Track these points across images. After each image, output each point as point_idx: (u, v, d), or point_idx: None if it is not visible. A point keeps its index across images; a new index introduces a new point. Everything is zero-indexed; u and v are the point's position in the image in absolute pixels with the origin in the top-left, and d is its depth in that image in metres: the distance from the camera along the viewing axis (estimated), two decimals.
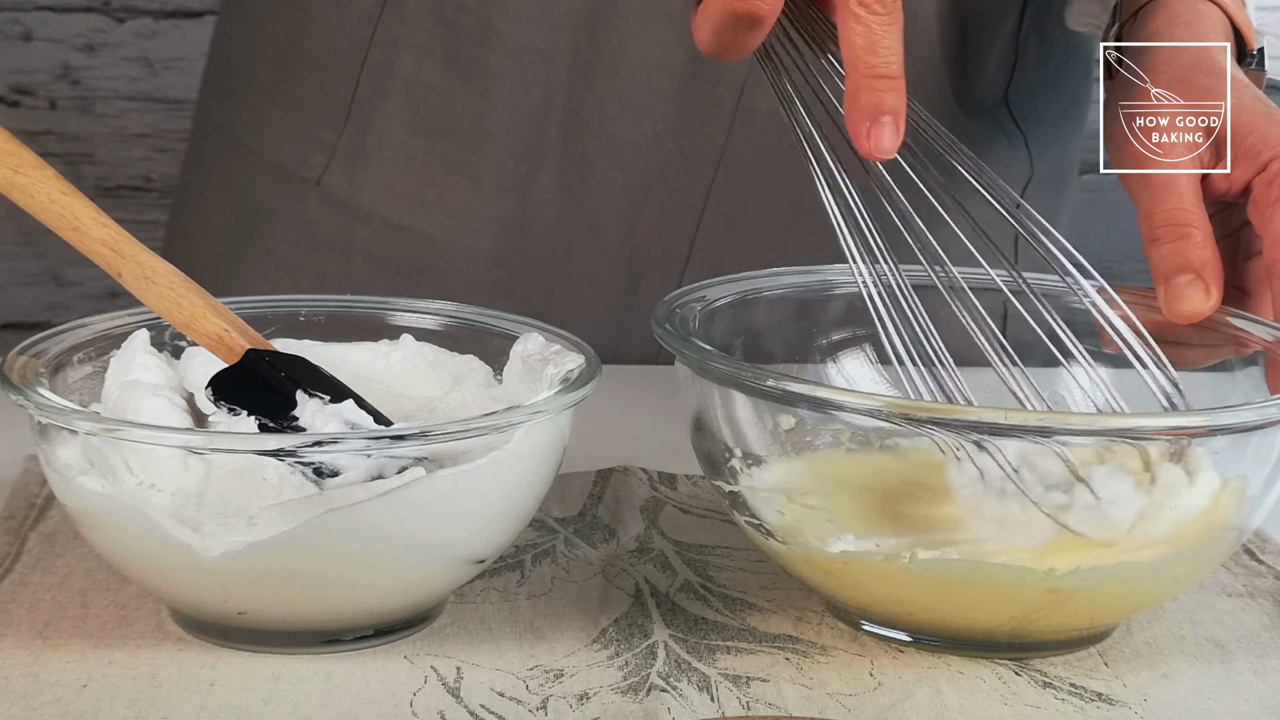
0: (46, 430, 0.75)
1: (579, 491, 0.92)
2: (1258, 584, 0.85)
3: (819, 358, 0.89)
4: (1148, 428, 0.74)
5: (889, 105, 0.75)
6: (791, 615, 0.80)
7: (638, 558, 0.85)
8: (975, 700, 0.74)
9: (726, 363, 0.77)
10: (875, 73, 0.75)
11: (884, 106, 0.75)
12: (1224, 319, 0.85)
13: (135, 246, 0.79)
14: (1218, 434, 0.75)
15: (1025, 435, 0.74)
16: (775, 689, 0.74)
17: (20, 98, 1.99)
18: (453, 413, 0.83)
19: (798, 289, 0.89)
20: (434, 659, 0.75)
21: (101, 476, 0.73)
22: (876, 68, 0.75)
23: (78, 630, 0.77)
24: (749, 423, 0.79)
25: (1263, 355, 0.84)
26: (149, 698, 0.71)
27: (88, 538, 0.77)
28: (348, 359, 0.85)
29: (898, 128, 0.76)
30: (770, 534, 0.78)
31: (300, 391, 0.76)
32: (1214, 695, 0.75)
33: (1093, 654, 0.78)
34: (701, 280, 0.87)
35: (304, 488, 0.72)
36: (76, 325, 0.82)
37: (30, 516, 0.86)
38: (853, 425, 0.82)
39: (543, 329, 0.84)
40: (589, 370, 0.79)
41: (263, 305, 0.86)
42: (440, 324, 0.87)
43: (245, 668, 0.74)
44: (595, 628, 0.78)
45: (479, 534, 0.76)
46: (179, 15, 2.00)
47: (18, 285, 2.01)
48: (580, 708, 0.72)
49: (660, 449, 0.95)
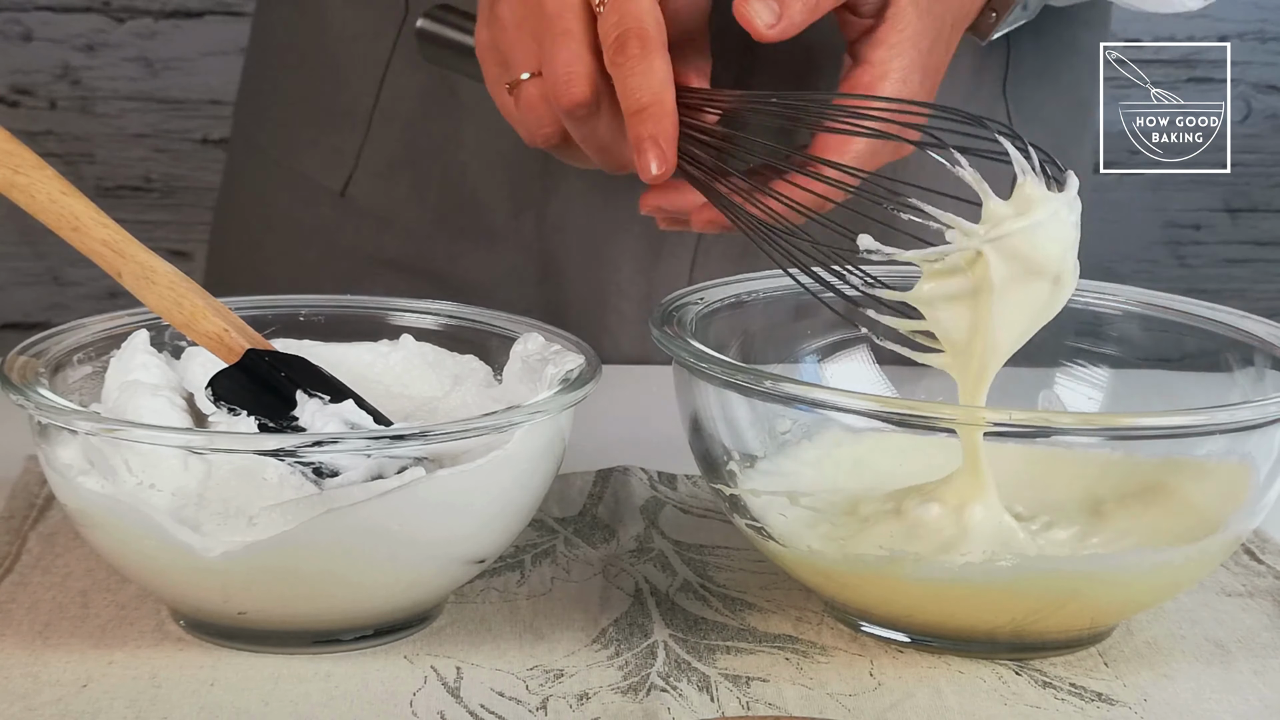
0: (46, 430, 0.75)
1: (579, 491, 0.92)
2: (1258, 584, 0.85)
3: (816, 359, 0.89)
4: (1148, 427, 0.74)
5: (648, 132, 0.81)
6: (791, 615, 0.80)
7: (638, 558, 0.85)
8: (975, 700, 0.74)
9: (723, 364, 0.77)
10: (631, 110, 0.82)
11: (643, 135, 0.81)
12: (1223, 319, 0.85)
13: (135, 246, 0.79)
14: (1218, 433, 0.75)
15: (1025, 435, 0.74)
16: (775, 689, 0.74)
17: (20, 98, 1.99)
18: (453, 413, 0.83)
19: (794, 290, 0.89)
20: (434, 659, 0.75)
21: (101, 476, 0.73)
22: (631, 105, 0.82)
23: (78, 630, 0.77)
24: (746, 424, 0.79)
25: (1262, 355, 0.84)
26: (149, 698, 0.71)
27: (88, 538, 0.77)
28: (347, 359, 0.85)
29: (663, 150, 0.81)
30: (770, 537, 0.78)
31: (300, 391, 0.76)
32: (1214, 695, 0.75)
33: (1093, 654, 0.78)
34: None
35: (304, 488, 0.72)
36: (76, 325, 0.82)
37: (30, 516, 0.86)
38: (851, 426, 0.82)
39: (542, 329, 0.84)
40: (589, 370, 0.79)
41: (263, 305, 0.86)
42: (440, 324, 0.87)
43: (245, 668, 0.74)
44: (595, 628, 0.78)
45: (479, 534, 0.76)
46: (179, 15, 2.00)
47: (18, 285, 2.01)
48: (580, 708, 0.72)
49: (660, 449, 0.95)
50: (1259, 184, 2.11)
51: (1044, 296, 0.76)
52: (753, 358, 0.87)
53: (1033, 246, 0.75)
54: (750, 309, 0.87)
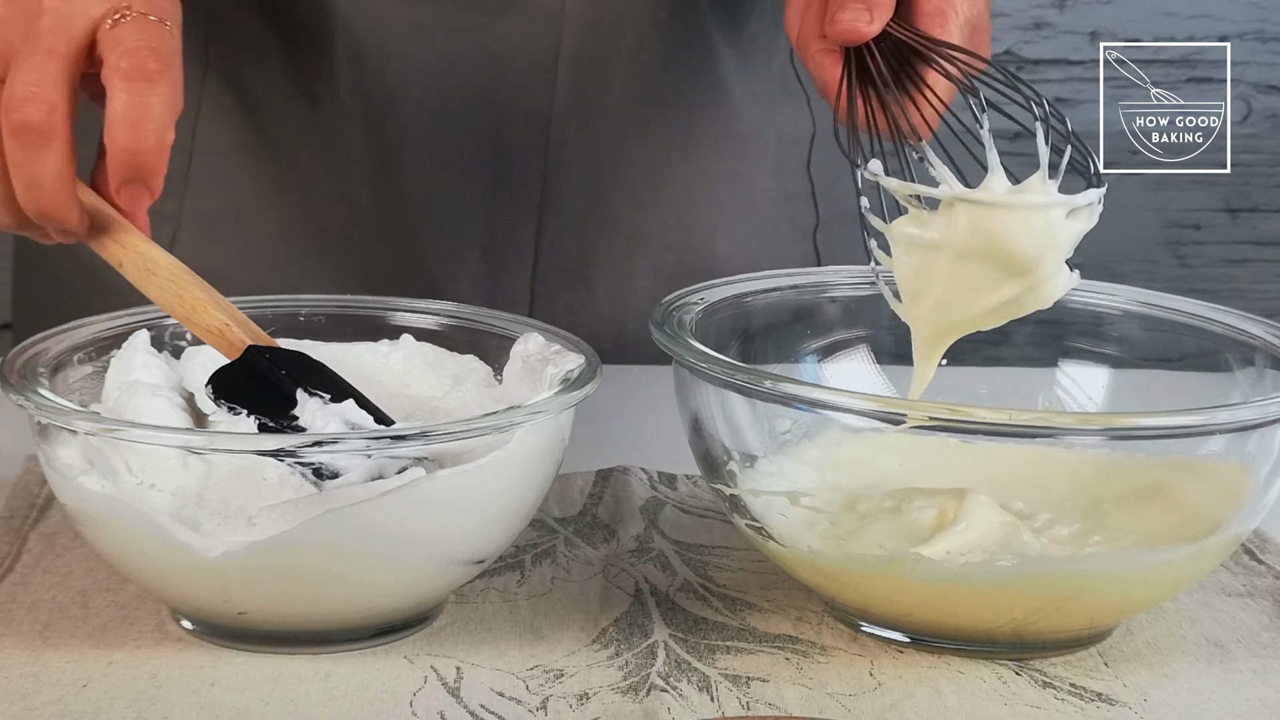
0: (47, 430, 0.75)
1: (579, 491, 0.92)
2: (1258, 584, 0.85)
3: (816, 359, 0.89)
4: (1148, 427, 0.75)
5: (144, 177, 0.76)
6: (791, 615, 0.80)
7: (638, 558, 0.85)
8: (975, 700, 0.74)
9: (723, 364, 0.77)
10: (132, 148, 0.76)
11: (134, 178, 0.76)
12: (1223, 319, 0.85)
13: (136, 237, 0.79)
14: (1218, 433, 0.75)
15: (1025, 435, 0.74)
16: (775, 689, 0.74)
17: None
18: (453, 413, 0.83)
19: (794, 290, 0.89)
20: (434, 659, 0.75)
21: (102, 476, 0.73)
22: (134, 142, 0.76)
23: (78, 630, 0.77)
24: (746, 424, 0.79)
25: (1263, 355, 0.84)
26: (149, 698, 0.71)
27: (88, 538, 0.77)
28: (348, 359, 0.85)
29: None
30: (770, 537, 0.78)
31: (301, 390, 0.76)
32: (1214, 695, 0.75)
33: (1093, 654, 0.78)
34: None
35: (304, 488, 0.72)
36: (76, 325, 0.82)
37: (30, 516, 0.86)
38: (851, 426, 0.82)
39: (543, 329, 0.84)
40: (589, 370, 0.79)
41: (264, 305, 0.86)
42: (440, 324, 0.87)
43: (245, 668, 0.74)
44: (595, 628, 0.78)
45: (479, 534, 0.76)
46: None
47: None
48: (580, 708, 0.72)
49: (660, 449, 0.95)
50: (1259, 184, 2.11)
51: (1006, 289, 0.76)
52: (753, 358, 0.87)
53: (1004, 229, 0.75)
54: (750, 309, 0.88)
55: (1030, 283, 0.76)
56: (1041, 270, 0.76)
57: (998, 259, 0.75)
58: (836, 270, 0.91)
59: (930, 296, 0.77)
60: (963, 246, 0.75)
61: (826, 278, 0.90)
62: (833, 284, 0.90)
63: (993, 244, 0.75)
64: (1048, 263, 0.76)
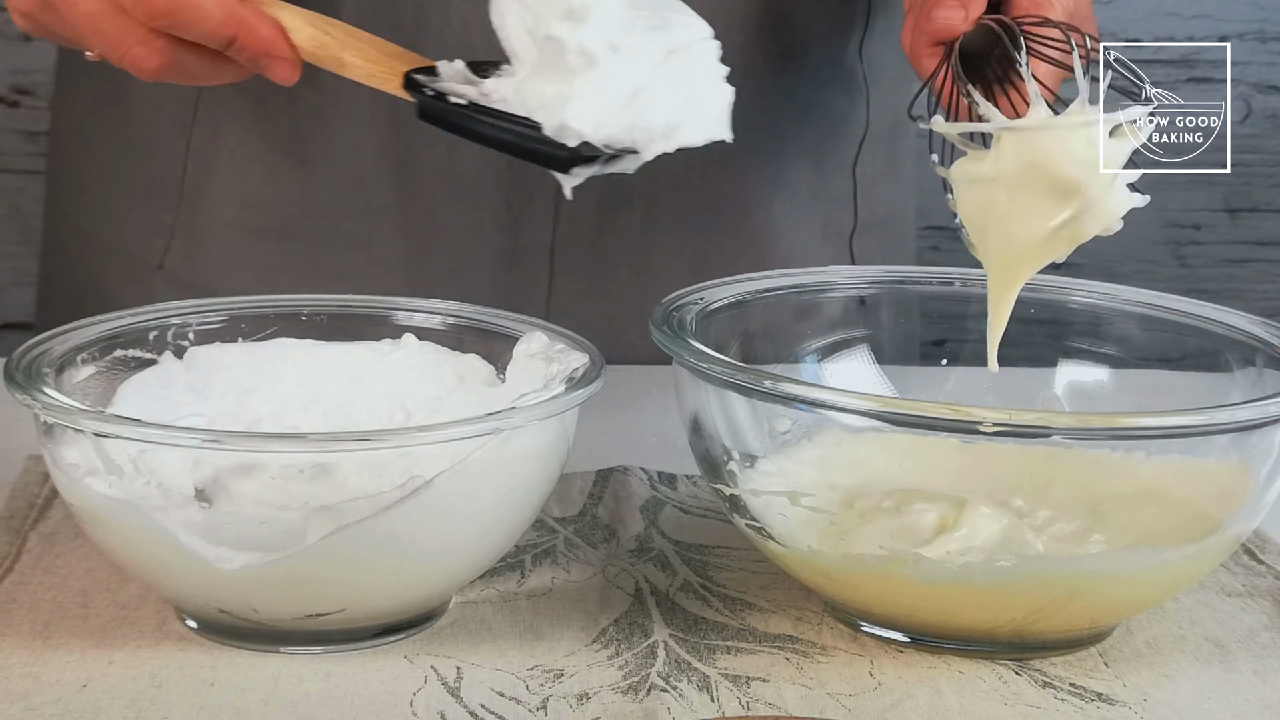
0: (52, 430, 0.75)
1: (579, 491, 0.92)
2: (1258, 584, 0.85)
3: (816, 359, 0.90)
4: (1148, 427, 0.75)
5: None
6: (791, 615, 0.80)
7: (638, 558, 0.85)
8: (975, 700, 0.74)
9: (723, 364, 0.77)
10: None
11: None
12: (1223, 319, 0.85)
13: None
14: (1217, 433, 0.75)
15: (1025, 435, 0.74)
16: (775, 689, 0.74)
17: (20, 98, 1.99)
18: (455, 412, 0.83)
19: (795, 290, 0.89)
20: (434, 659, 0.75)
21: (107, 476, 0.73)
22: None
23: (78, 630, 0.77)
24: (746, 424, 0.79)
25: (1263, 355, 0.84)
26: (149, 698, 0.71)
27: (92, 536, 0.77)
28: (350, 358, 0.85)
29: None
30: (770, 537, 0.78)
31: None
32: (1214, 695, 0.75)
33: (1093, 654, 0.78)
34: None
35: (307, 491, 0.72)
36: (80, 325, 0.82)
37: (30, 516, 0.86)
38: (851, 426, 0.82)
39: (546, 328, 0.84)
40: (592, 370, 0.79)
41: (264, 304, 0.86)
42: (443, 323, 0.87)
43: (245, 668, 0.74)
44: (595, 628, 0.78)
45: (481, 535, 0.76)
46: None
47: (19, 285, 2.01)
48: (580, 708, 0.72)
49: (660, 449, 0.95)
50: (1259, 184, 2.11)
51: (1061, 211, 0.77)
52: (753, 358, 0.87)
53: (1046, 154, 0.77)
54: (750, 309, 0.88)
55: (1084, 203, 0.78)
56: (1091, 191, 0.77)
57: (1047, 183, 0.77)
58: (836, 270, 0.91)
59: (993, 230, 0.79)
60: (1013, 175, 0.78)
61: (826, 278, 0.90)
62: (833, 284, 0.90)
63: (1038, 169, 0.77)
64: (1094, 183, 0.77)
